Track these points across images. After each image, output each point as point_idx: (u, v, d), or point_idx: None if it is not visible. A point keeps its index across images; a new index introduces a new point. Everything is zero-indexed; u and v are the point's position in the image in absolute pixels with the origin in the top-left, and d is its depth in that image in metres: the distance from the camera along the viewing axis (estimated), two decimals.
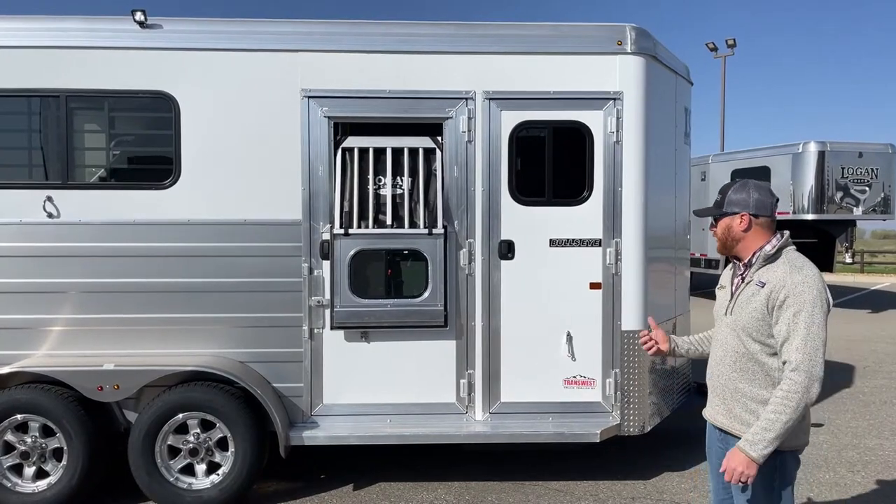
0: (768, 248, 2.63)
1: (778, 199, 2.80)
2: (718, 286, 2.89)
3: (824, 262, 14.68)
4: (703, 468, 5.11)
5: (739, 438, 2.55)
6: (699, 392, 5.67)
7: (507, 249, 4.57)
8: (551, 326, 4.62)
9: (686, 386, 5.53)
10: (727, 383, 2.68)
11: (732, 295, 2.71)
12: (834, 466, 5.16)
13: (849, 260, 15.72)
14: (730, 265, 2.87)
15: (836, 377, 8.06)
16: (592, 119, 4.59)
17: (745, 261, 2.70)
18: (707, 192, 14.66)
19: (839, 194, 12.87)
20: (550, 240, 4.61)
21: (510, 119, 4.55)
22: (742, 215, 2.67)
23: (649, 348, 3.01)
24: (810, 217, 12.90)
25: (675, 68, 5.10)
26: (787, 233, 2.68)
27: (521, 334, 4.60)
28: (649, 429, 4.75)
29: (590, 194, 4.61)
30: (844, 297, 16.34)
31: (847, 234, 13.75)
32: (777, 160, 13.42)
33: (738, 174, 14.24)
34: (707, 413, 2.83)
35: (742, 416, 2.63)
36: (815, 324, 2.47)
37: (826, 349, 2.49)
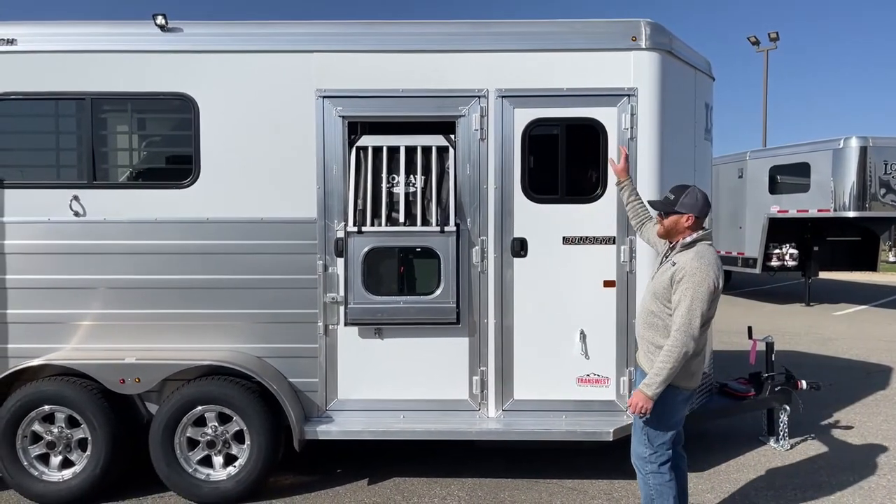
0: (688, 239, 3.49)
1: (710, 207, 3.64)
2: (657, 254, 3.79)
3: (867, 261, 14.27)
4: (723, 469, 5.04)
5: (641, 372, 3.49)
6: (721, 393, 5.58)
7: (520, 247, 4.57)
8: (565, 324, 4.61)
9: (707, 386, 5.45)
10: (640, 332, 3.60)
11: (658, 267, 3.61)
12: (859, 469, 5.03)
13: (893, 259, 15.25)
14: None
15: (872, 379, 7.83)
16: (606, 116, 4.56)
17: (667, 239, 3.61)
18: (745, 190, 14.36)
19: (882, 191, 12.45)
20: (564, 237, 4.59)
21: (523, 117, 4.55)
22: (689, 216, 3.50)
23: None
24: (852, 215, 12.51)
25: (693, 63, 5.02)
26: (708, 230, 3.60)
27: (534, 332, 4.60)
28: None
29: (604, 192, 4.58)
30: (888, 298, 15.83)
31: (891, 233, 13.37)
32: (817, 156, 13.05)
33: (776, 171, 13.92)
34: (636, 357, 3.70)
35: (644, 355, 3.54)
36: (698, 298, 3.29)
37: (707, 321, 3.37)
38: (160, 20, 4.46)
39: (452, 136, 4.57)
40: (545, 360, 4.61)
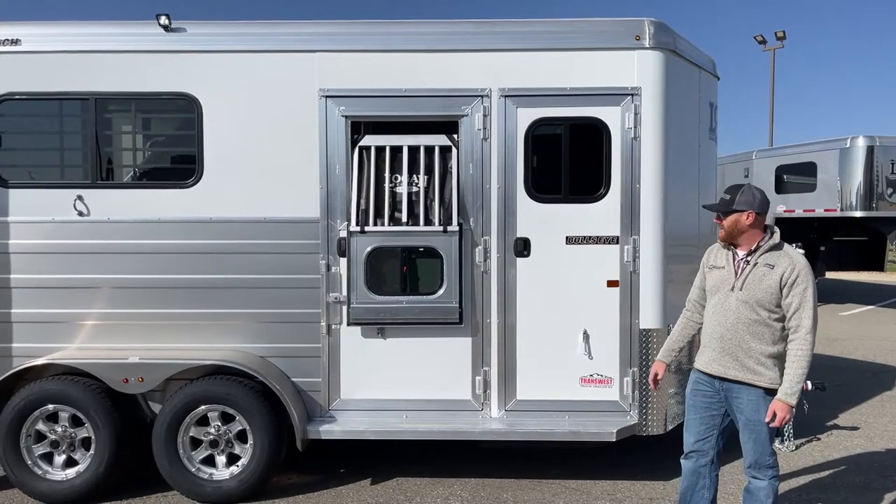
0: (776, 239, 3.42)
1: (769, 203, 3.53)
2: (711, 265, 3.59)
3: (874, 261, 14.18)
4: (727, 469, 5.00)
5: (747, 385, 3.38)
6: None
7: (523, 247, 4.56)
8: (568, 324, 4.59)
9: None
10: (741, 344, 3.38)
11: (737, 274, 3.42)
12: (865, 471, 5.01)
13: None
14: (712, 249, 3.63)
15: (879, 379, 7.79)
16: (609, 115, 4.54)
17: (750, 248, 3.41)
18: None
19: (889, 190, 12.38)
20: (567, 237, 4.58)
21: (526, 116, 4.54)
22: (749, 213, 3.40)
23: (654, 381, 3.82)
24: (858, 214, 12.45)
25: (698, 62, 5.00)
26: (778, 229, 3.49)
27: (537, 332, 4.59)
28: (671, 428, 4.68)
29: (607, 191, 4.56)
30: (895, 298, 15.73)
31: None
32: (823, 155, 12.99)
33: (782, 170, 13.87)
34: (712, 368, 3.48)
35: (753, 367, 3.37)
36: (815, 296, 3.31)
37: None
38: (164, 20, 4.47)
39: (455, 136, 4.56)
40: (548, 360, 4.59)
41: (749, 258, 3.41)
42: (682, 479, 3.70)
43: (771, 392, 3.35)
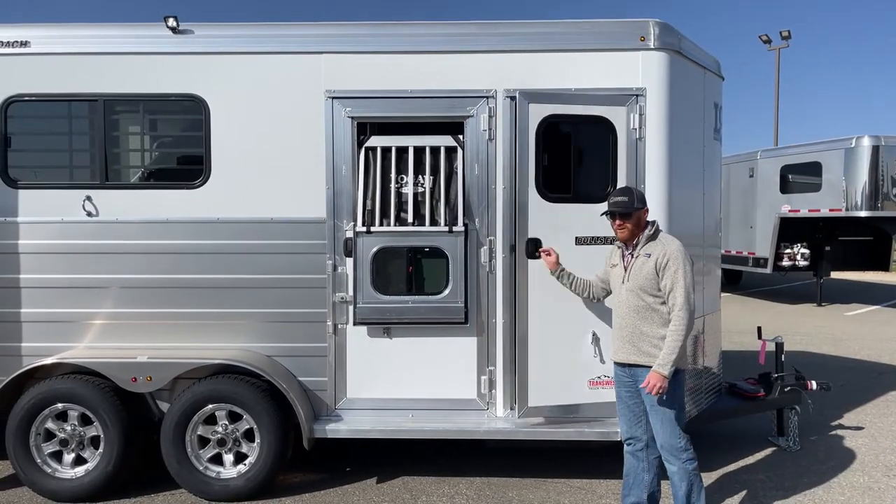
0: (650, 231, 3.80)
1: None
2: (611, 265, 3.99)
3: (879, 261, 14.16)
4: (732, 469, 5.03)
5: (648, 367, 3.66)
6: (730, 393, 5.57)
7: (535, 248, 4.51)
8: (576, 326, 4.56)
9: (716, 386, 5.44)
10: (635, 330, 3.75)
11: (625, 268, 3.82)
12: (869, 470, 5.02)
13: None
14: (613, 248, 4.00)
15: (883, 380, 7.79)
16: (615, 116, 4.55)
17: (634, 242, 3.82)
18: (756, 189, 14.28)
19: (894, 190, 12.37)
20: (576, 238, 4.57)
21: (537, 114, 4.52)
22: (646, 209, 3.85)
23: (547, 253, 4.28)
24: (864, 214, 12.44)
25: (702, 63, 5.02)
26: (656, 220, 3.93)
27: (544, 332, 4.58)
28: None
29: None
30: None
31: None
32: (829, 155, 12.98)
33: (787, 170, 13.85)
34: (619, 357, 3.86)
35: (649, 350, 3.71)
36: (688, 274, 3.67)
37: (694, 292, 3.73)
38: (171, 22, 4.51)
39: (461, 137, 4.59)
40: (555, 360, 4.59)
41: (633, 252, 3.82)
42: (624, 465, 4.03)
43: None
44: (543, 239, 4.51)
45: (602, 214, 3.96)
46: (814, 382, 5.51)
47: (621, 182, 4.55)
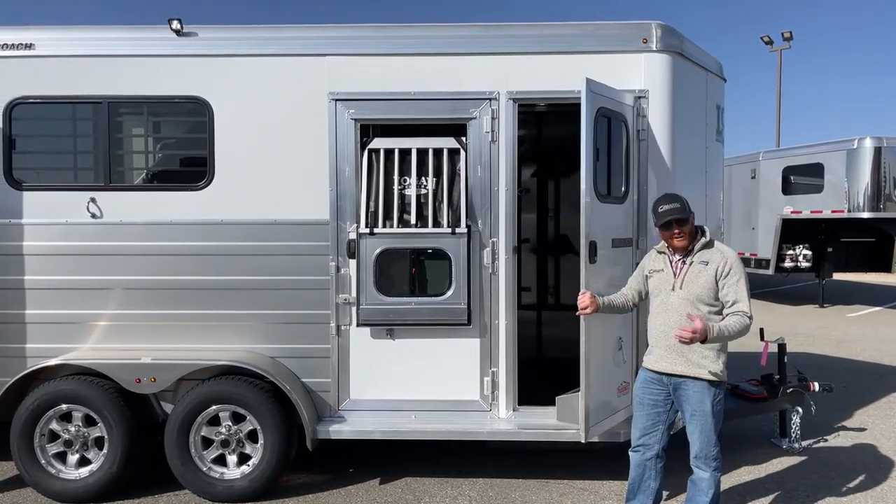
0: (706, 239, 3.66)
1: None
2: (650, 271, 3.80)
3: (882, 262, 14.13)
4: (734, 471, 5.03)
5: (694, 379, 3.57)
6: (732, 394, 5.57)
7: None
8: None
9: None
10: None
11: (676, 275, 3.65)
12: (872, 472, 5.02)
13: None
14: (650, 254, 3.85)
15: (886, 381, 7.78)
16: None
17: (686, 249, 3.64)
18: (758, 191, 14.28)
19: None
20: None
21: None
22: (693, 214, 3.68)
23: (584, 307, 3.83)
24: (866, 215, 12.43)
25: (705, 65, 5.03)
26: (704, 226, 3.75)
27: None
28: (682, 426, 4.69)
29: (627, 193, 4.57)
30: None
31: None
32: (831, 156, 12.97)
33: (789, 171, 13.84)
34: (660, 366, 3.68)
35: (699, 361, 3.57)
36: (747, 280, 3.58)
37: None
38: (175, 24, 4.52)
39: (463, 139, 4.60)
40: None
41: (685, 258, 3.66)
42: (630, 471, 3.93)
43: (714, 383, 3.59)
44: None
45: (657, 226, 3.69)
46: (816, 384, 5.51)
47: (632, 184, 4.56)
